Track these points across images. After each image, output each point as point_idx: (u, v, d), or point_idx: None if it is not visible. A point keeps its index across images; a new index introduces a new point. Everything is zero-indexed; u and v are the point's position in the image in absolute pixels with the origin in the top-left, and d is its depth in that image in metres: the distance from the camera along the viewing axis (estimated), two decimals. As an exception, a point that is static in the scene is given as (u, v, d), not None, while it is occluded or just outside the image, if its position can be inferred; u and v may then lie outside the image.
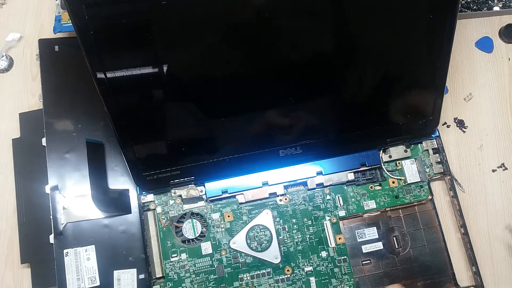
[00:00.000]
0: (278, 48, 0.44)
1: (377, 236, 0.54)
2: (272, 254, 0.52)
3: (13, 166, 0.55)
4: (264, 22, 0.41)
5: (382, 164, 0.55)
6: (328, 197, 0.54)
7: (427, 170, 0.56)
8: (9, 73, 0.59)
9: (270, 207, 0.53)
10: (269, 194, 0.53)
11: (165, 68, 0.42)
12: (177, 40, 0.41)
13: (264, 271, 0.52)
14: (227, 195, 0.53)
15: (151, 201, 0.53)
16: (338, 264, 0.52)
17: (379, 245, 0.54)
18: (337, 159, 0.54)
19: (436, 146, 0.56)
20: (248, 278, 0.51)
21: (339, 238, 0.53)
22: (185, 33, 0.41)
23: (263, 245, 0.52)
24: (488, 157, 0.58)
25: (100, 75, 0.41)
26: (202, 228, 0.52)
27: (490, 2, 0.61)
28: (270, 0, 0.40)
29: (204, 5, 0.40)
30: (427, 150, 0.56)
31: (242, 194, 0.53)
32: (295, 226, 0.53)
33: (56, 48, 0.55)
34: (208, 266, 0.51)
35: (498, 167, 0.58)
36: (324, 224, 0.53)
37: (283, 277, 0.52)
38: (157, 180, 0.50)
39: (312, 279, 0.52)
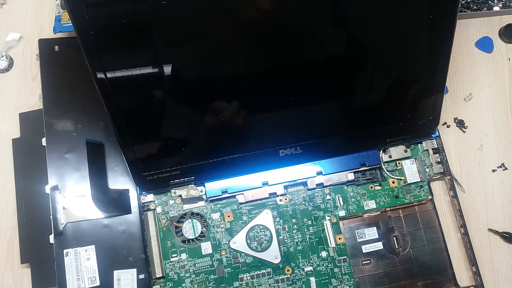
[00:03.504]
0: (278, 49, 0.44)
1: (377, 236, 0.54)
2: (272, 254, 0.52)
3: (13, 166, 0.55)
4: (265, 22, 0.41)
5: (382, 164, 0.55)
6: (328, 197, 0.54)
7: (427, 170, 0.56)
8: (9, 73, 0.59)
9: (270, 207, 0.53)
10: (269, 194, 0.53)
11: (165, 68, 0.42)
12: (177, 40, 0.41)
13: (264, 271, 0.52)
14: (227, 195, 0.53)
15: (151, 201, 0.53)
16: (338, 264, 0.52)
17: (379, 245, 0.54)
18: (337, 159, 0.54)
19: (436, 146, 0.56)
20: (248, 278, 0.51)
21: (339, 238, 0.53)
22: (185, 33, 0.41)
23: (263, 245, 0.52)
24: (488, 157, 0.58)
25: (100, 75, 0.41)
26: (202, 228, 0.52)
27: (490, 2, 0.61)
28: (271, 0, 0.41)
29: (204, 4, 0.40)
30: (427, 150, 0.56)
31: (242, 194, 0.53)
32: (295, 226, 0.53)
33: (56, 48, 0.55)
34: (208, 266, 0.51)
35: (498, 167, 0.58)
36: (324, 224, 0.53)
37: (283, 277, 0.52)
38: (157, 180, 0.50)
39: (312, 279, 0.52)
